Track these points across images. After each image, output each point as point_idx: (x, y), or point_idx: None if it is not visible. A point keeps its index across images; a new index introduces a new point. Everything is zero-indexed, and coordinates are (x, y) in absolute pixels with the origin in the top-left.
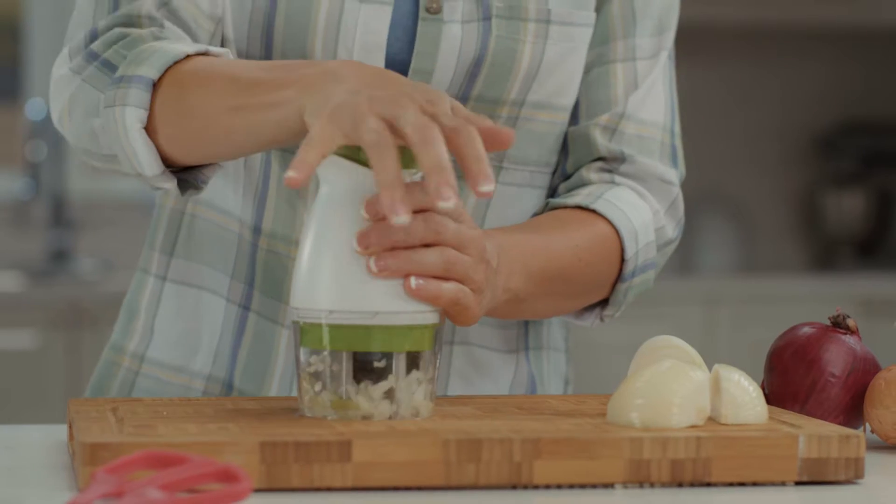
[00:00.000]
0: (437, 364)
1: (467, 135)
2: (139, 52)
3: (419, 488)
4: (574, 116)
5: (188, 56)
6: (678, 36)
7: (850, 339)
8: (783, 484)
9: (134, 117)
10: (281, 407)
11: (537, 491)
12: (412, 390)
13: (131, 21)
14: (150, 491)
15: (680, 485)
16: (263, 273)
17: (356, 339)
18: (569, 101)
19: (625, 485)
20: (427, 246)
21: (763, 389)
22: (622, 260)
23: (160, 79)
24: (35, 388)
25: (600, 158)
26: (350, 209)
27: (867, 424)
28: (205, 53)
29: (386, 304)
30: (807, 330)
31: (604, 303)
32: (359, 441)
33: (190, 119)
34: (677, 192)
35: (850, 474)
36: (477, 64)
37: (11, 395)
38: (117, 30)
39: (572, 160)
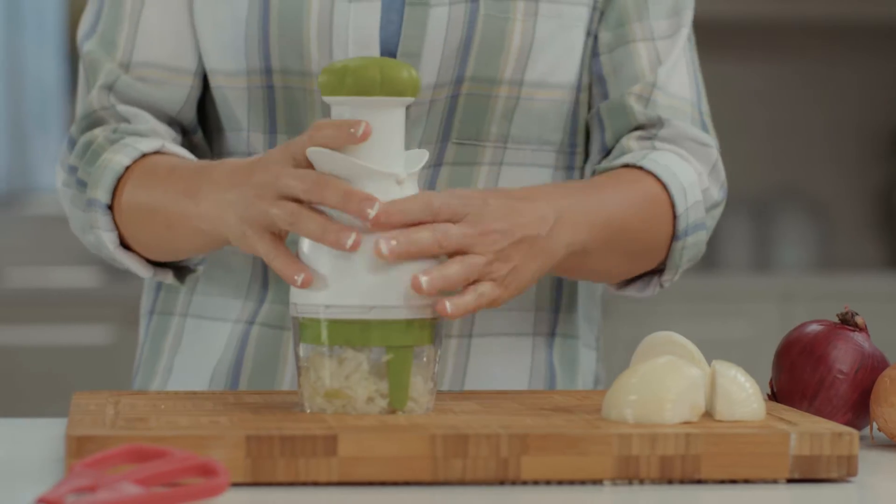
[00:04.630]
0: (437, 358)
1: (319, 190)
2: (95, 169)
3: (406, 483)
4: (604, 95)
5: (138, 159)
6: (757, 33)
7: (858, 337)
8: (775, 481)
9: (108, 240)
10: (283, 401)
11: (525, 487)
12: (427, 385)
13: (92, 121)
14: (124, 485)
15: (669, 482)
16: (276, 283)
17: (355, 335)
18: (566, 78)
19: (613, 481)
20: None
21: (772, 387)
22: (674, 217)
23: (116, 194)
24: (110, 383)
25: (638, 127)
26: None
27: (874, 423)
28: (157, 151)
29: (384, 298)
30: (815, 327)
31: (659, 272)
32: (344, 435)
33: (140, 237)
34: (717, 155)
35: (843, 472)
36: (466, 45)
37: (87, 389)
38: (83, 139)
39: (610, 133)
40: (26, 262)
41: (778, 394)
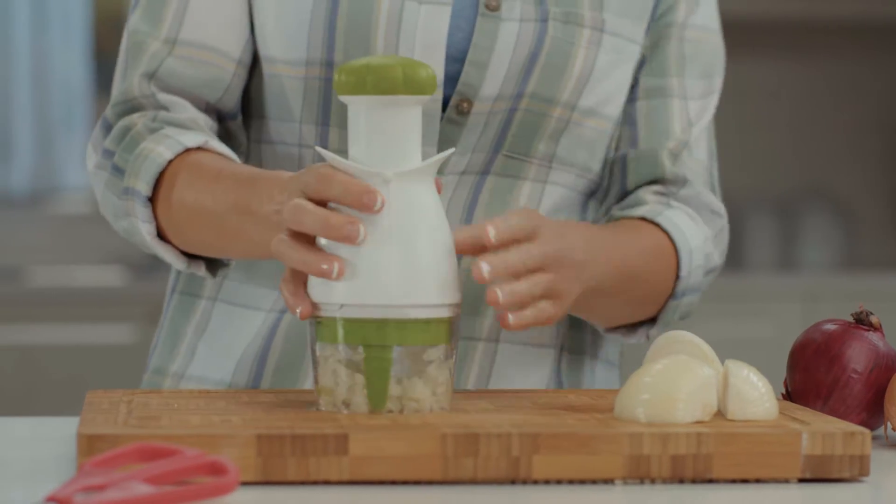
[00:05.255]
0: (454, 358)
1: (323, 184)
2: (135, 157)
3: (416, 482)
4: (632, 139)
5: (181, 153)
6: (781, 32)
7: (872, 336)
8: (786, 481)
9: (146, 231)
10: (297, 400)
11: (536, 486)
12: (427, 386)
13: (130, 106)
14: (134, 484)
15: (681, 481)
16: None
17: (371, 334)
18: (615, 111)
19: (625, 480)
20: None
21: (786, 386)
22: (676, 277)
23: (158, 186)
24: (134, 381)
25: (658, 181)
26: None
27: (888, 423)
28: (200, 147)
29: (400, 297)
30: (829, 327)
31: (650, 322)
32: (355, 434)
33: (184, 236)
34: (725, 224)
35: (855, 472)
36: (531, 61)
37: (111, 388)
38: (121, 124)
39: (632, 179)
40: (51, 262)
41: (792, 393)
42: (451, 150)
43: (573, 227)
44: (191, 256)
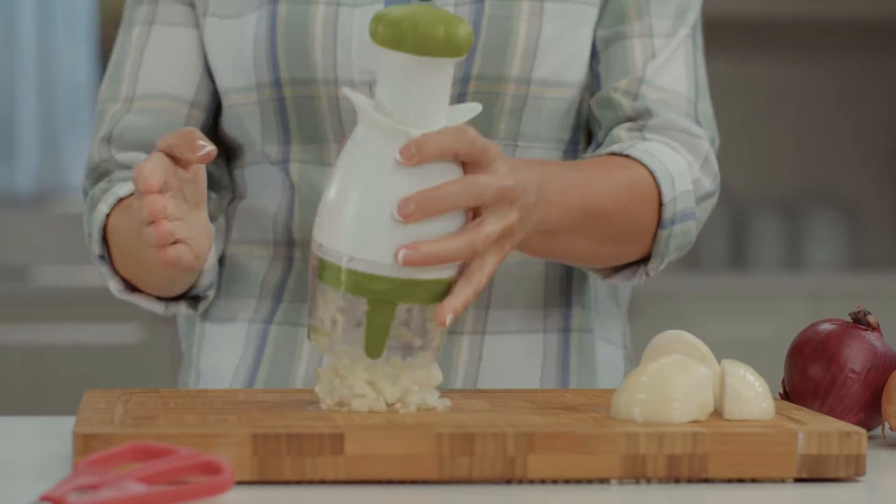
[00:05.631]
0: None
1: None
2: (90, 222)
3: (412, 482)
4: (596, 90)
5: (115, 205)
6: (787, 32)
7: (870, 336)
8: (782, 481)
9: (112, 287)
10: (293, 399)
11: (532, 486)
12: (424, 341)
13: (99, 174)
14: (128, 484)
15: (677, 480)
16: (296, 281)
17: (377, 290)
18: (576, 77)
19: (620, 480)
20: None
21: (784, 386)
22: (660, 206)
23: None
24: (138, 381)
25: (628, 119)
26: (385, 156)
27: (886, 422)
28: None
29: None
30: (827, 326)
31: (646, 260)
32: (351, 434)
33: (134, 280)
34: (708, 147)
35: (851, 471)
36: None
37: (115, 388)
38: (90, 193)
39: (604, 129)
40: (56, 261)
41: (790, 393)
42: (479, 106)
43: (526, 165)
44: (168, 299)
